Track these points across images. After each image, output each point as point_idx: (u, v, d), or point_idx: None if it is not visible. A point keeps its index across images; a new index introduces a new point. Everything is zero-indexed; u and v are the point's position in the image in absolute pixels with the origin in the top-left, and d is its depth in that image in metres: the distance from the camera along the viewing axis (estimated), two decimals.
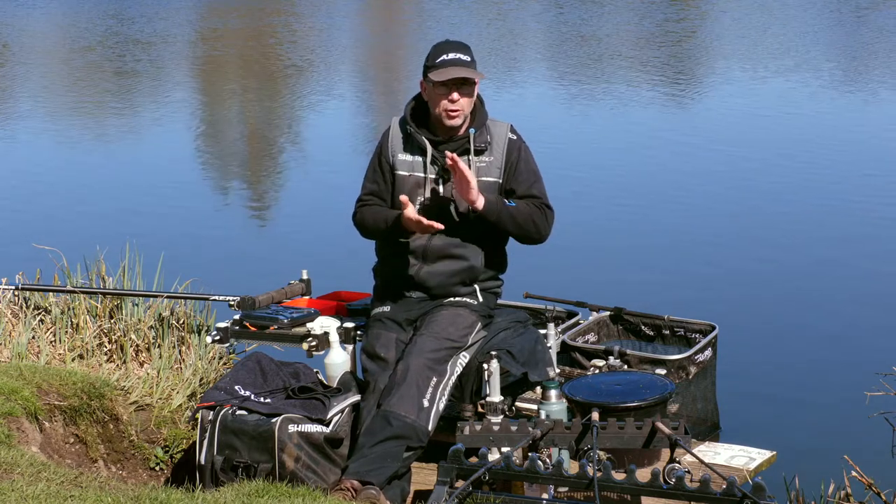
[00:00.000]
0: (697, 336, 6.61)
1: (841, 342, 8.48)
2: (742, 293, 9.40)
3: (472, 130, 5.35)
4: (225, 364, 6.49)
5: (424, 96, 5.39)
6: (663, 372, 6.15)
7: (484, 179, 5.35)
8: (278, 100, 19.36)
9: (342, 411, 5.19)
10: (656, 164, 13.74)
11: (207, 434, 5.12)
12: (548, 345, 5.83)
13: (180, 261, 8.13)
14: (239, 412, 5.14)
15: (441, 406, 5.15)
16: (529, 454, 4.88)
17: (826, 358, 8.26)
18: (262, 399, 5.21)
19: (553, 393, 5.49)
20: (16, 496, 4.33)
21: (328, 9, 30.14)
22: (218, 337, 5.86)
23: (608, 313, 6.78)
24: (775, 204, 11.89)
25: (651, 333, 6.74)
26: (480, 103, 5.42)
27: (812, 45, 22.53)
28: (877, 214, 11.47)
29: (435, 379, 5.15)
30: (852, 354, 8.20)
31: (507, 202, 5.33)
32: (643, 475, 4.69)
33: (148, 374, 6.22)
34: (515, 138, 5.43)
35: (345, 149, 15.44)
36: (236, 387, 5.26)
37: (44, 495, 4.37)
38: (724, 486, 4.54)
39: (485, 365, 5.42)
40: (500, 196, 5.34)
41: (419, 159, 5.39)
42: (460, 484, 4.72)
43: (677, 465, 5.05)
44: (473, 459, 4.84)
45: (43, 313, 6.77)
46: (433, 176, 5.37)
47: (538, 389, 5.61)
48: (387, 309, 5.44)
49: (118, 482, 4.99)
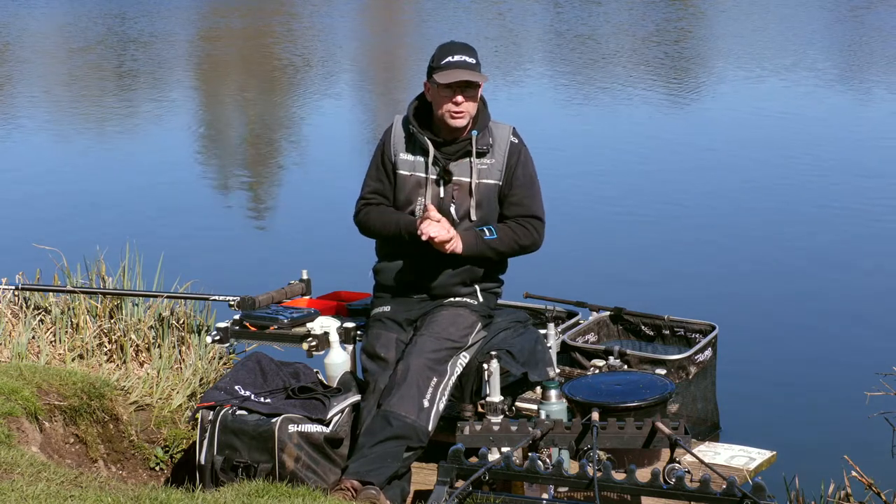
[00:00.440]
0: (697, 336, 6.61)
1: (841, 342, 8.48)
2: (742, 293, 9.40)
3: (475, 132, 5.35)
4: (225, 364, 6.49)
5: (428, 97, 5.39)
6: (663, 372, 6.15)
7: (485, 182, 5.35)
8: (278, 100, 19.35)
9: (342, 411, 5.19)
10: (656, 164, 13.73)
11: (207, 434, 5.12)
12: (548, 345, 5.83)
13: (180, 261, 8.12)
14: (239, 412, 5.14)
15: (441, 406, 5.15)
16: (529, 454, 4.87)
17: (826, 358, 8.25)
18: (262, 399, 5.21)
19: (553, 393, 5.49)
20: (16, 496, 4.33)
21: (328, 9, 30.13)
22: (218, 337, 5.86)
23: (608, 313, 6.78)
24: (775, 204, 11.88)
25: (651, 333, 6.74)
26: (483, 105, 5.41)
27: (808, 45, 22.52)
28: (877, 214, 11.46)
29: (435, 379, 5.15)
30: (852, 354, 8.20)
31: (488, 235, 5.32)
32: (643, 475, 4.69)
33: (148, 374, 6.22)
34: (517, 142, 5.42)
35: (345, 149, 15.44)
36: (236, 387, 5.26)
37: (44, 495, 4.36)
38: (724, 486, 4.54)
39: (485, 365, 5.42)
40: (479, 231, 5.33)
41: (421, 159, 5.38)
42: (460, 484, 4.72)
43: (677, 465, 5.05)
44: (473, 459, 4.84)
45: (43, 313, 6.77)
46: (434, 177, 5.37)
47: (538, 389, 5.61)
48: (387, 309, 5.44)
49: (118, 482, 4.99)
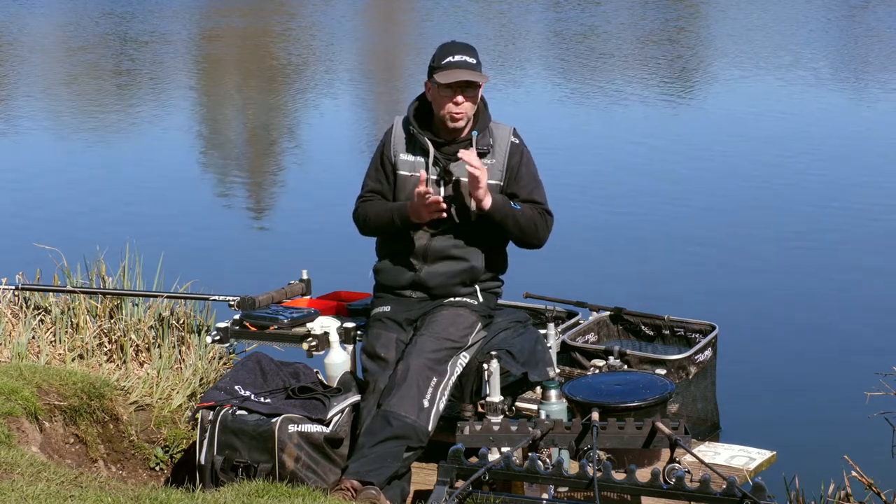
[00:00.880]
0: (697, 336, 6.61)
1: (841, 342, 8.48)
2: (742, 293, 9.40)
3: (475, 133, 5.35)
4: (225, 364, 6.49)
5: (428, 97, 5.39)
6: (663, 372, 6.15)
7: (485, 182, 5.35)
8: (278, 99, 19.35)
9: (342, 411, 5.19)
10: (655, 164, 13.73)
11: (207, 434, 5.12)
12: (548, 345, 5.83)
13: (180, 261, 8.12)
14: (239, 412, 5.14)
15: (441, 406, 5.15)
16: (529, 454, 4.87)
17: (826, 358, 8.25)
18: (262, 399, 5.21)
19: (553, 393, 5.49)
20: (16, 496, 4.33)
21: (328, 9, 30.12)
22: (218, 337, 5.86)
23: (608, 313, 6.78)
24: (775, 203, 11.88)
25: (651, 333, 6.74)
26: (484, 106, 5.42)
27: (805, 44, 22.52)
28: (876, 213, 11.46)
29: (435, 379, 5.15)
30: (852, 354, 8.20)
31: (513, 204, 5.34)
32: (643, 475, 4.69)
33: (148, 374, 6.22)
34: (518, 142, 5.43)
35: (344, 148, 15.44)
36: (236, 387, 5.26)
37: (44, 495, 4.36)
38: (724, 486, 4.54)
39: (485, 365, 5.42)
40: (506, 197, 5.35)
41: (421, 160, 5.38)
42: (460, 484, 4.72)
43: (677, 465, 5.05)
44: (473, 459, 4.84)
45: (43, 313, 6.77)
46: (434, 177, 5.37)
47: (538, 389, 5.61)
48: (387, 309, 5.44)
49: (118, 482, 4.99)
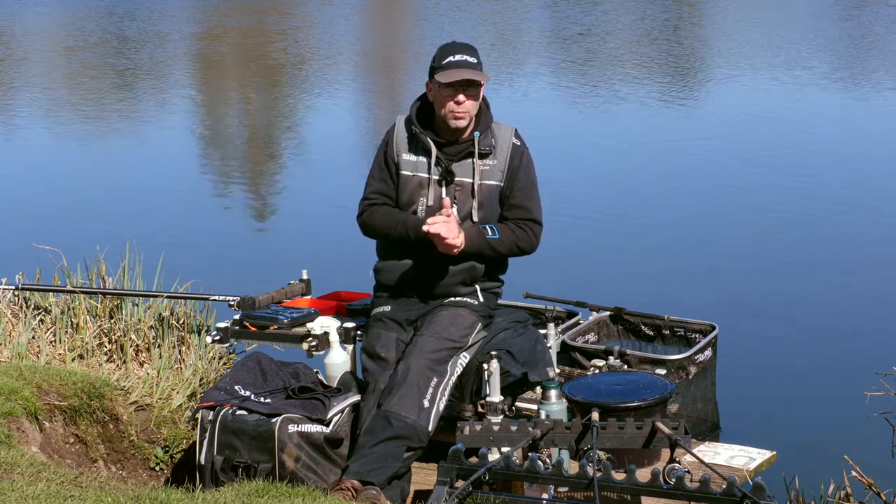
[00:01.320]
0: (697, 336, 6.61)
1: (841, 342, 8.48)
2: (742, 293, 9.40)
3: (477, 133, 5.35)
4: (225, 364, 6.49)
5: (430, 97, 5.39)
6: (663, 372, 6.15)
7: (487, 183, 5.36)
8: (278, 99, 19.35)
9: (342, 411, 5.19)
10: (655, 164, 13.74)
11: (207, 434, 5.12)
12: (548, 345, 5.83)
13: (180, 261, 8.13)
14: (239, 412, 5.13)
15: (441, 406, 5.15)
16: (529, 454, 4.87)
17: (826, 358, 8.25)
18: (262, 399, 5.21)
19: (553, 393, 5.49)
20: (16, 496, 4.33)
21: (328, 8, 30.13)
22: (218, 337, 5.86)
23: (608, 313, 6.78)
24: (775, 203, 11.88)
25: (651, 333, 6.74)
26: (486, 106, 5.41)
27: (803, 44, 22.52)
28: (876, 213, 11.46)
29: (435, 379, 5.15)
30: (852, 354, 8.20)
31: (490, 234, 5.32)
32: (643, 475, 4.69)
33: (148, 374, 6.22)
34: (519, 144, 5.43)
35: (345, 148, 15.44)
36: (236, 387, 5.26)
37: (44, 495, 4.36)
38: (724, 486, 4.54)
39: (485, 365, 5.42)
40: (482, 228, 5.33)
41: (423, 160, 5.38)
42: (460, 484, 4.72)
43: (677, 465, 5.05)
44: (473, 459, 4.84)
45: (43, 313, 6.76)
46: (436, 177, 5.37)
47: (538, 389, 5.61)
48: (387, 309, 5.44)
49: (118, 482, 4.99)
